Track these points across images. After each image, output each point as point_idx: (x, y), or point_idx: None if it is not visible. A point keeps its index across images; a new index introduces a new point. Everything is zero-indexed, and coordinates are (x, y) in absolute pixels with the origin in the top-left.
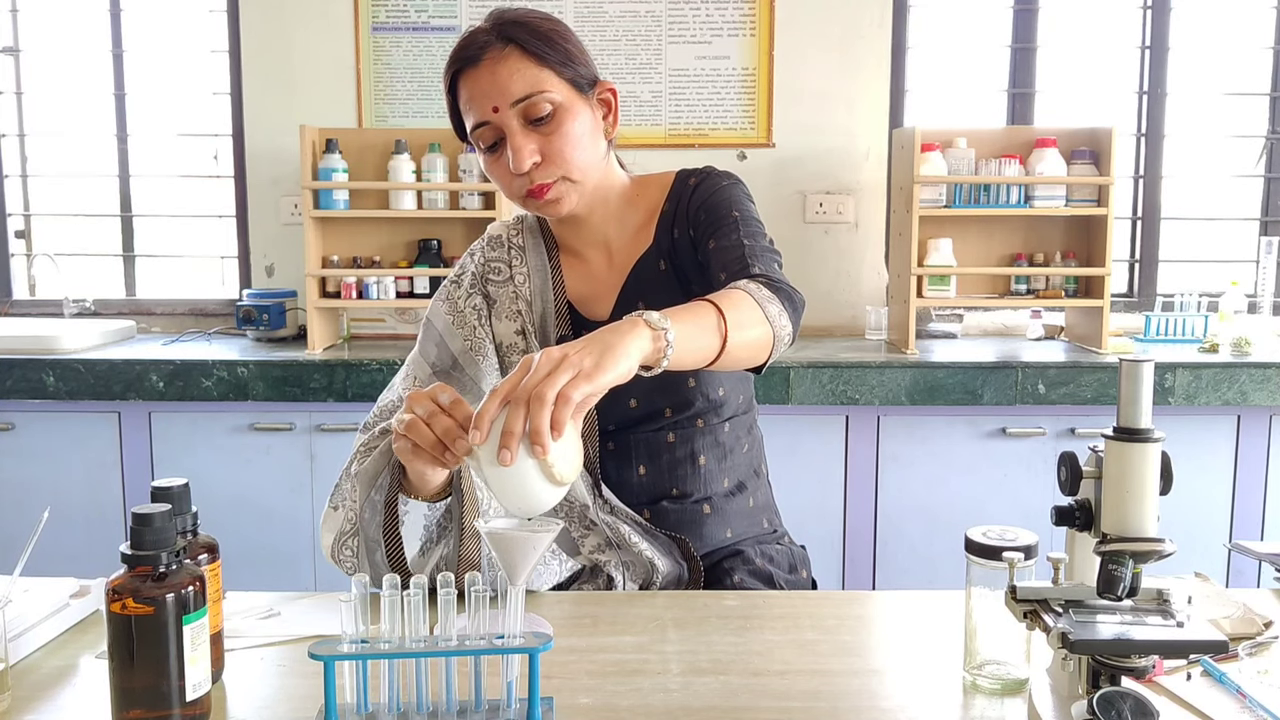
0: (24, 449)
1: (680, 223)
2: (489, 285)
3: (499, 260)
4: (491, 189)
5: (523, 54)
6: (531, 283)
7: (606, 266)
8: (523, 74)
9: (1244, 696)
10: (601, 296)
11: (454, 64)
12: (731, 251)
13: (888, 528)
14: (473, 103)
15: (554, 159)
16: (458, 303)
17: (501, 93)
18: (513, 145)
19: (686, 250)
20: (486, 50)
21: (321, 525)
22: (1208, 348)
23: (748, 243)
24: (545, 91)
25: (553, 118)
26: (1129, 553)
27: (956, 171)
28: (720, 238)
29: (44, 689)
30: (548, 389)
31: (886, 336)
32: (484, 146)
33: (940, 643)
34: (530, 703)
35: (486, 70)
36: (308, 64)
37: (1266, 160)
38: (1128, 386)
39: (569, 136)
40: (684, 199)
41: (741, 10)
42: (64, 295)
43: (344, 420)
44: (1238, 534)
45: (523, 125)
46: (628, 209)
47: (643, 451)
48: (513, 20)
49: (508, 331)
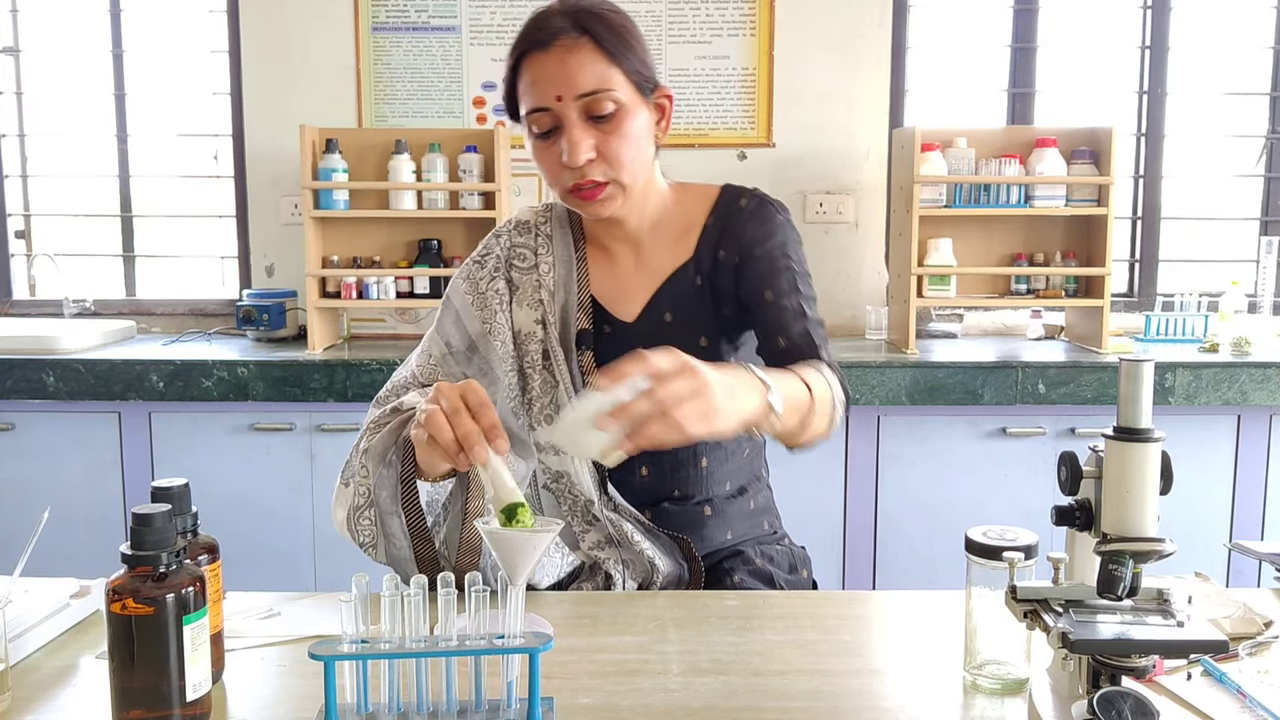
0: (24, 449)
1: (727, 245)
2: (513, 271)
3: (525, 246)
4: (491, 189)
5: (595, 48)
6: (556, 273)
7: (634, 266)
8: (593, 68)
9: (1244, 696)
10: (628, 296)
11: (523, 44)
12: (793, 320)
13: (888, 528)
14: (535, 87)
15: (609, 158)
16: (479, 284)
17: (568, 83)
18: (571, 138)
19: (727, 274)
20: (559, 37)
21: (333, 502)
22: (1208, 348)
23: (809, 313)
24: (611, 90)
25: (614, 117)
26: (1129, 553)
27: (956, 171)
28: (779, 294)
29: (44, 689)
30: (675, 407)
31: (886, 336)
32: (537, 131)
33: (940, 643)
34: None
35: (556, 57)
36: (308, 64)
37: (1266, 160)
38: (1128, 386)
39: (627, 137)
40: (732, 221)
41: (741, 10)
42: (64, 295)
43: (344, 420)
44: (1238, 534)
45: (582, 119)
46: (665, 214)
47: (646, 452)
48: (589, 10)
49: (527, 320)
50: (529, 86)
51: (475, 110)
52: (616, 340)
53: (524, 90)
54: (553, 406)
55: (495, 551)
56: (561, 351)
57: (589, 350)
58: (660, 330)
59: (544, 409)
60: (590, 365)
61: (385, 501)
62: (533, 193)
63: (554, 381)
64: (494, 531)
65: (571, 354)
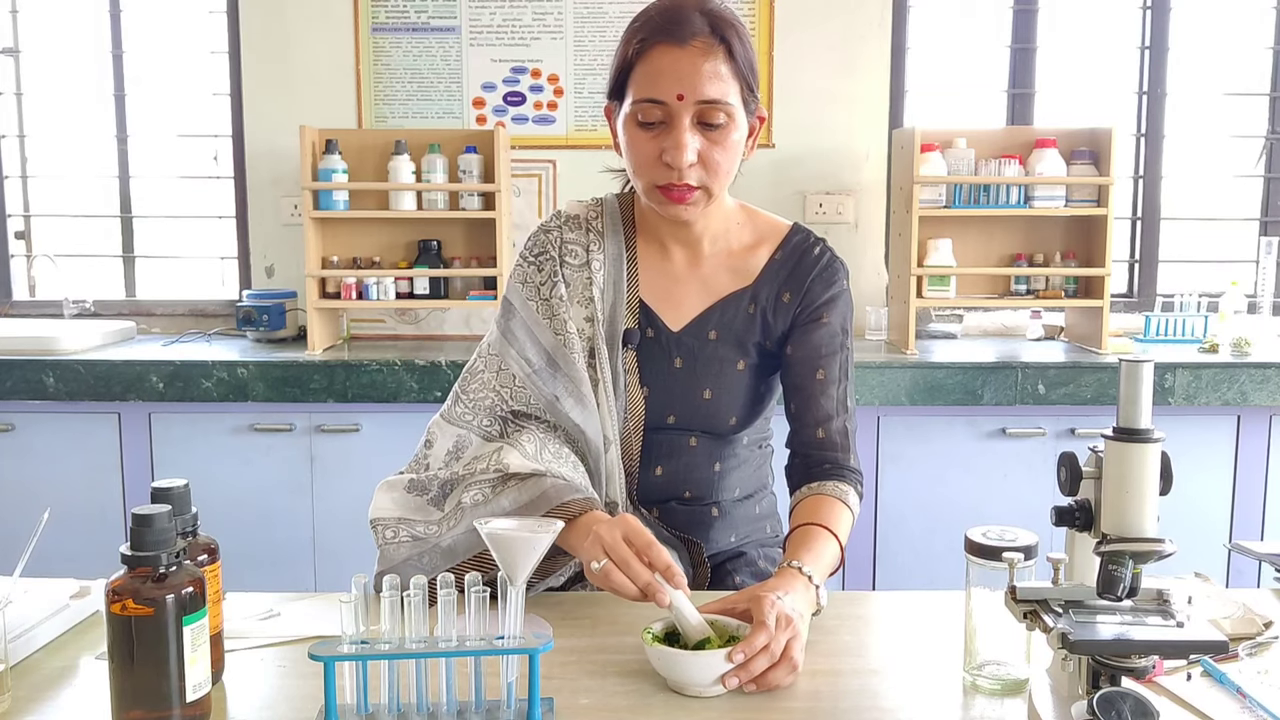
0: (24, 450)
1: (791, 288)
2: (565, 269)
3: (577, 243)
4: (491, 189)
5: (728, 59)
6: (607, 270)
7: (687, 270)
8: (721, 79)
9: (1244, 696)
10: (677, 303)
11: (656, 32)
12: (836, 415)
13: (888, 528)
14: (660, 78)
15: (708, 166)
16: (540, 289)
17: (694, 86)
18: (680, 139)
19: (783, 316)
20: (697, 37)
21: (379, 491)
22: (1208, 348)
23: (850, 405)
24: (729, 103)
25: (723, 127)
26: (1129, 553)
27: (956, 172)
28: (830, 379)
29: (44, 690)
30: (797, 656)
31: (886, 337)
32: (643, 120)
33: (940, 643)
34: (530, 703)
35: (690, 57)
36: (308, 64)
37: (1266, 160)
38: (1128, 386)
39: (728, 149)
40: (803, 266)
41: (741, 10)
42: (64, 296)
43: (344, 421)
44: (1238, 534)
45: (694, 123)
46: (728, 231)
47: (664, 452)
48: (727, 20)
49: (577, 317)
50: (652, 75)
51: (475, 111)
52: (659, 344)
53: (643, 76)
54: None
55: (495, 552)
56: (606, 350)
57: (632, 350)
58: (704, 346)
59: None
60: (632, 364)
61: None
62: (533, 193)
63: (595, 379)
64: (493, 532)
65: (616, 351)
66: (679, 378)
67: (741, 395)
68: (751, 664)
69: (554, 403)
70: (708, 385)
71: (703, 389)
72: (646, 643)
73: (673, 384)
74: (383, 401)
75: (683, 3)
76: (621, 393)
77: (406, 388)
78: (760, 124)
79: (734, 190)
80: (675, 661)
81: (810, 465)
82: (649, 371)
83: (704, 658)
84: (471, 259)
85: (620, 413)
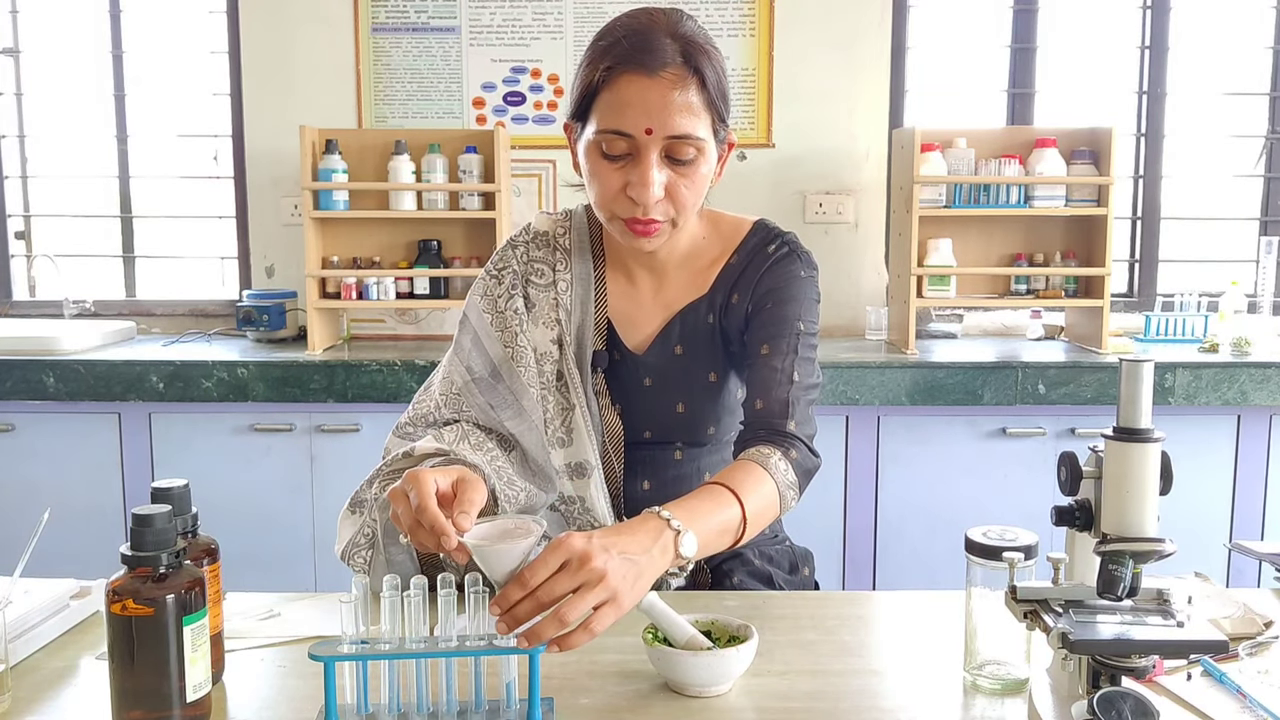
0: (24, 450)
1: (742, 290)
2: (530, 287)
3: (543, 261)
4: (491, 189)
5: (700, 89)
6: (574, 291)
7: (653, 292)
8: (691, 113)
9: (1244, 696)
10: (642, 324)
11: (624, 59)
12: (777, 385)
13: (888, 528)
14: (628, 110)
15: (675, 200)
16: (498, 302)
17: (663, 121)
18: (646, 176)
19: (738, 318)
20: (668, 67)
21: (339, 524)
22: (1208, 348)
23: (797, 378)
24: (699, 136)
25: (691, 162)
26: (1129, 553)
27: (956, 171)
28: (774, 353)
29: (44, 690)
30: (572, 612)
31: (886, 337)
32: (607, 152)
33: (940, 643)
34: (530, 703)
35: (659, 89)
36: (308, 64)
37: (1266, 160)
38: (1128, 386)
39: (695, 182)
40: (756, 268)
41: (741, 10)
42: (64, 296)
43: (344, 421)
44: (1238, 534)
45: (661, 157)
46: (694, 247)
47: (650, 468)
48: (700, 46)
49: (543, 339)
50: (618, 106)
51: (475, 111)
52: (627, 366)
53: (608, 106)
54: (564, 429)
55: (481, 564)
56: (578, 374)
57: (601, 373)
58: (670, 362)
59: (555, 432)
60: (603, 386)
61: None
62: (533, 193)
63: (568, 404)
64: (475, 546)
65: (588, 376)
66: (650, 395)
67: (716, 405)
68: (514, 610)
69: (487, 410)
70: (680, 399)
71: (675, 403)
72: (646, 643)
73: (644, 402)
74: (383, 401)
75: (652, 25)
76: (596, 415)
77: (406, 388)
78: (729, 150)
79: (734, 191)
80: (675, 661)
81: (744, 435)
82: (619, 391)
83: (704, 658)
84: (471, 259)
85: (599, 435)
